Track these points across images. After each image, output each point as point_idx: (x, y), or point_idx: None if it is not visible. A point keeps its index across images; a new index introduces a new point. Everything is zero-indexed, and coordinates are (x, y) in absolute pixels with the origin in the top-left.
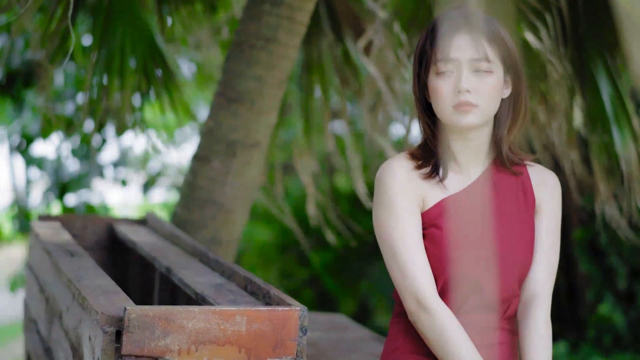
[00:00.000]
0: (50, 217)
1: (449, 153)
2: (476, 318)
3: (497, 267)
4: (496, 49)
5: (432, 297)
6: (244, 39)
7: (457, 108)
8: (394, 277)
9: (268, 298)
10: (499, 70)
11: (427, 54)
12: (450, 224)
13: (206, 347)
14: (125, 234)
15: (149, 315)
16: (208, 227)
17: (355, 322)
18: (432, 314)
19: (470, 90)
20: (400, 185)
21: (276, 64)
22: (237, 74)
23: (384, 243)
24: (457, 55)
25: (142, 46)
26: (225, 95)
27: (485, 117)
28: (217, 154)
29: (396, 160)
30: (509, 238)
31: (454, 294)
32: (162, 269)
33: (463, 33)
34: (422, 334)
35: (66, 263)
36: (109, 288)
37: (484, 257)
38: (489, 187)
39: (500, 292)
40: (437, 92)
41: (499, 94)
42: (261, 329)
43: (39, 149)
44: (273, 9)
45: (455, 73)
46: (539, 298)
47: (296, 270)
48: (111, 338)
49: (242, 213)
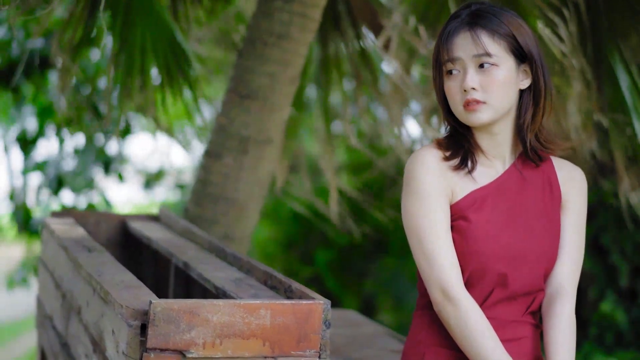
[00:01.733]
0: (63, 213)
1: (477, 145)
2: (501, 311)
3: (522, 260)
4: (500, 41)
5: (458, 288)
6: (256, 35)
7: (466, 107)
8: (420, 267)
9: (290, 292)
10: (507, 62)
11: (438, 55)
12: (478, 216)
13: (231, 340)
14: (139, 230)
15: (174, 308)
16: (220, 223)
17: (367, 318)
18: (457, 305)
19: (476, 88)
20: (431, 176)
21: (288, 61)
22: (250, 70)
23: (412, 232)
24: (460, 54)
25: (162, 45)
26: (238, 92)
27: (497, 111)
28: (229, 150)
29: (426, 150)
30: (535, 232)
31: (479, 287)
32: (180, 264)
33: (464, 31)
34: (446, 324)
35: (85, 258)
36: (131, 282)
37: (509, 250)
38: (516, 180)
39: (525, 286)
40: (449, 92)
41: (510, 86)
42: (285, 323)
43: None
44: (285, 5)
45: (461, 71)
46: (564, 292)
47: (300, 269)
48: (136, 332)
49: (254, 209)
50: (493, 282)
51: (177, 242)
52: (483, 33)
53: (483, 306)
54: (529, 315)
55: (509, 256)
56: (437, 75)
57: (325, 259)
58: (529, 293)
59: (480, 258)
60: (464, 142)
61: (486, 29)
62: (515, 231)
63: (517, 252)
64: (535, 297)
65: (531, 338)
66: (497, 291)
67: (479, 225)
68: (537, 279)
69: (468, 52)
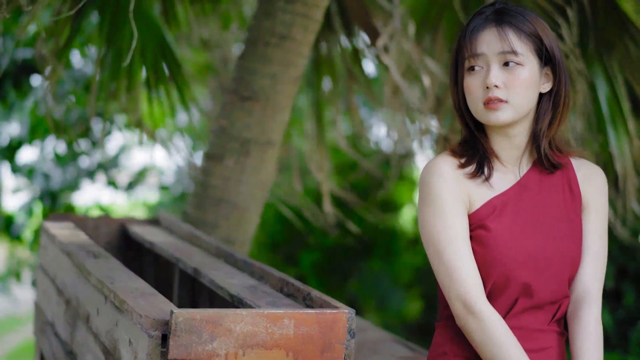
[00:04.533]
0: (60, 216)
1: (492, 151)
2: (525, 321)
3: (547, 267)
4: (527, 42)
5: (480, 301)
6: (258, 36)
7: (487, 105)
8: (440, 280)
9: (309, 300)
10: (531, 63)
11: (460, 51)
12: (498, 224)
13: (254, 351)
14: (140, 234)
15: (196, 318)
16: (221, 226)
17: (370, 322)
18: (480, 318)
19: (499, 85)
20: (447, 185)
21: (291, 62)
22: (251, 71)
23: (430, 244)
24: (484, 50)
25: (151, 45)
26: (239, 93)
27: (518, 112)
28: (230, 152)
29: (441, 159)
30: (558, 237)
31: (502, 297)
32: (189, 270)
33: (490, 27)
34: (470, 338)
35: (92, 265)
36: (145, 290)
37: (533, 257)
38: (535, 184)
39: (550, 294)
40: (468, 89)
41: (533, 88)
42: (309, 332)
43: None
44: (288, 5)
45: (485, 68)
46: (590, 297)
47: (284, 270)
48: (157, 342)
49: (255, 212)
50: (517, 292)
51: (181, 247)
52: (510, 31)
53: (508, 316)
54: (554, 323)
55: (532, 263)
56: (455, 72)
57: (309, 261)
58: (555, 301)
59: (503, 267)
60: (479, 147)
61: (513, 27)
62: (538, 237)
63: (540, 259)
64: (561, 304)
65: (556, 348)
66: (522, 300)
67: (500, 233)
68: (562, 285)
69: (493, 48)
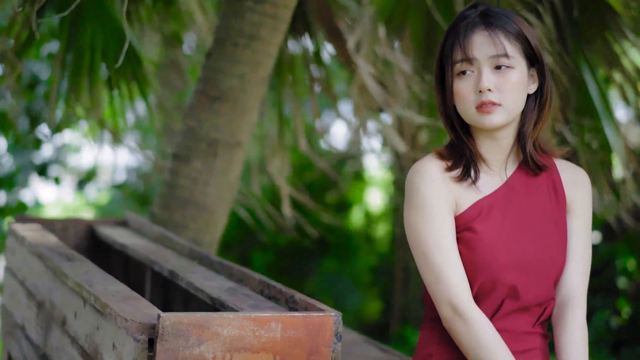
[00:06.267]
0: (27, 218)
1: (479, 154)
2: (512, 323)
3: (533, 269)
4: (516, 43)
5: (467, 304)
6: (226, 36)
7: (480, 109)
8: (427, 283)
9: (292, 303)
10: (521, 65)
11: (446, 55)
12: (484, 226)
13: (241, 354)
14: (110, 236)
15: (183, 322)
16: (189, 228)
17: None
18: (467, 321)
19: (492, 89)
20: (433, 188)
21: (259, 62)
22: (220, 71)
23: (417, 247)
24: (476, 54)
25: (113, 44)
26: (207, 94)
27: (511, 115)
28: (198, 153)
29: (427, 161)
30: (544, 239)
31: (489, 299)
32: (165, 272)
33: (480, 30)
34: (457, 341)
35: (68, 268)
36: (126, 294)
37: (519, 260)
38: (521, 186)
39: (537, 297)
40: (459, 94)
41: (523, 90)
42: (296, 336)
43: None
44: (256, 5)
45: (476, 72)
46: (575, 301)
47: None
48: (144, 346)
49: (223, 214)
50: (504, 294)
51: (154, 249)
52: (501, 34)
53: (494, 318)
54: (539, 325)
55: (519, 266)
56: (441, 77)
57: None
58: (541, 304)
59: (490, 269)
60: (466, 150)
61: (503, 30)
62: (524, 239)
63: (527, 261)
64: (546, 306)
65: (541, 349)
66: (508, 303)
67: (486, 235)
68: (548, 288)
69: (485, 52)
